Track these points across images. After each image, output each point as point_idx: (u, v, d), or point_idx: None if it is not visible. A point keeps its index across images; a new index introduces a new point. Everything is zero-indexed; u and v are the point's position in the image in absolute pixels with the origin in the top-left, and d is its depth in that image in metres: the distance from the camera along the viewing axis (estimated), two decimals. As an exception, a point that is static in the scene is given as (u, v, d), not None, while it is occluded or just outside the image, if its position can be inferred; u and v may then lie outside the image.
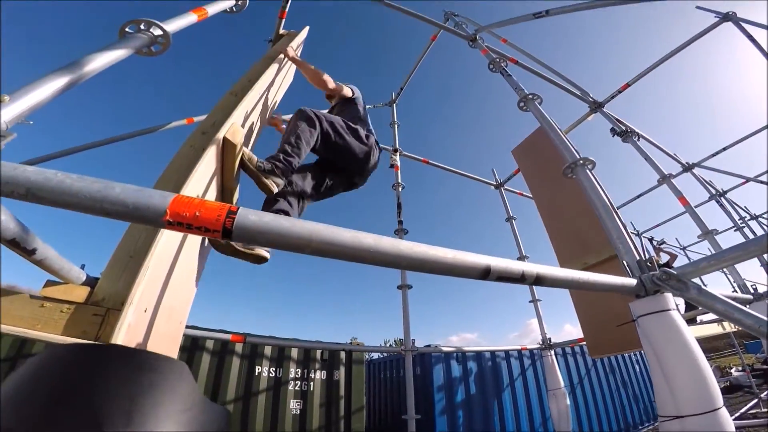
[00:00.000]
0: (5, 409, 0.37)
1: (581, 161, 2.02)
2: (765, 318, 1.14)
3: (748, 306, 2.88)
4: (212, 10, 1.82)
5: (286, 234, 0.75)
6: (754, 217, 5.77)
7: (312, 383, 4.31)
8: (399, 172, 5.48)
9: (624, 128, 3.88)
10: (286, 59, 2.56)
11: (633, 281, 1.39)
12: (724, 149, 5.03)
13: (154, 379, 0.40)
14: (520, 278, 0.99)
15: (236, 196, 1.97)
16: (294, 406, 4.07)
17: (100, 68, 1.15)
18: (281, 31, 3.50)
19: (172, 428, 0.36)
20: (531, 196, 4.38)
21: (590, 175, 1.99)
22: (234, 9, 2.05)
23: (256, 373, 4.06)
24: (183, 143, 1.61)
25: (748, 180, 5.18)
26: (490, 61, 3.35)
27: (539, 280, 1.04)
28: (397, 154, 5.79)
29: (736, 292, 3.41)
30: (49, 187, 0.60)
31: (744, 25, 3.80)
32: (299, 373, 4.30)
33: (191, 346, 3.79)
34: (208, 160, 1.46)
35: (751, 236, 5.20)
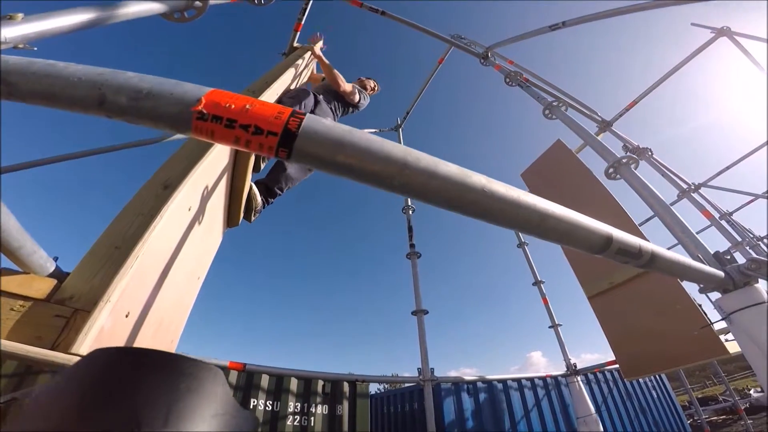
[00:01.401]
0: (39, 414, 0.37)
1: (625, 159, 1.92)
2: None
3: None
4: (245, -5, 1.76)
5: (374, 152, 0.53)
6: (760, 239, 5.73)
7: (313, 418, 3.96)
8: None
9: (637, 145, 3.88)
10: (304, 64, 2.70)
11: (719, 273, 1.22)
12: (728, 168, 5.12)
13: (191, 385, 0.40)
14: (637, 254, 0.83)
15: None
16: (293, 442, 3.66)
17: (128, 17, 1.02)
18: (295, 44, 3.52)
19: (206, 429, 0.38)
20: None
21: (636, 173, 1.88)
22: (263, 1, 1.99)
23: (251, 407, 3.72)
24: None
25: (756, 197, 5.20)
26: (506, 75, 3.35)
27: (653, 261, 0.87)
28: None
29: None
30: (30, 72, 0.43)
31: (739, 39, 3.92)
32: (299, 407, 3.97)
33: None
34: (220, 150, 1.28)
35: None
